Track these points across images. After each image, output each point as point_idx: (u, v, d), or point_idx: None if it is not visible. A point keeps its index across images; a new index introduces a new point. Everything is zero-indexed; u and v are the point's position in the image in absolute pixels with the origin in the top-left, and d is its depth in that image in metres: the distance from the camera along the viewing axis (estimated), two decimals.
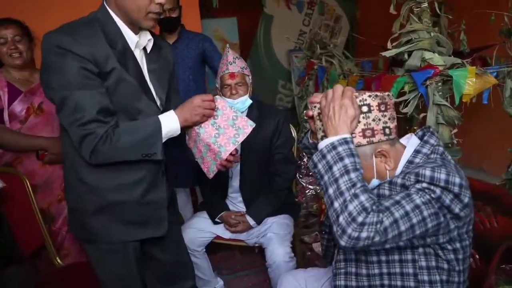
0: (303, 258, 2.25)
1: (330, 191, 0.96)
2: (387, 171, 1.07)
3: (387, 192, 1.04)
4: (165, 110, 1.33)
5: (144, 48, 1.33)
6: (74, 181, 1.31)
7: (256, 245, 1.94)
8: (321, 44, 2.89)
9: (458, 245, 1.01)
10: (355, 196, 0.93)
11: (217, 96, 1.36)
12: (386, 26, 2.11)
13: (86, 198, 1.29)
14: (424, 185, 0.95)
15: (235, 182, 1.95)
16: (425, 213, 0.93)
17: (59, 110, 1.19)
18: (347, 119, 1.00)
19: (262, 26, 4.74)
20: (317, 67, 2.84)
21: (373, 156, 1.05)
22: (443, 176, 0.94)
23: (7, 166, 1.87)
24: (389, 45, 1.89)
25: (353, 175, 0.95)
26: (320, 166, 0.99)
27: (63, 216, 1.96)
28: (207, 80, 2.97)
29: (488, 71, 1.77)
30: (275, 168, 1.92)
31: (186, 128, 1.34)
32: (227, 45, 1.96)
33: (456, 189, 0.93)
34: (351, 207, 0.92)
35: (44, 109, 1.91)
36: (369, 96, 1.04)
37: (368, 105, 1.03)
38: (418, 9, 1.79)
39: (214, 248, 2.10)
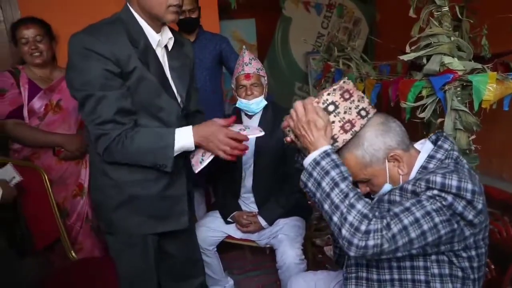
0: (314, 261, 2.24)
1: (326, 207, 0.95)
2: (400, 176, 1.06)
3: (397, 198, 1.03)
4: (185, 107, 1.37)
5: (166, 46, 1.35)
6: (99, 175, 1.35)
7: (267, 246, 1.94)
8: (339, 46, 2.87)
9: (473, 252, 0.99)
10: (351, 206, 0.92)
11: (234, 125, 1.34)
12: (406, 30, 2.08)
13: (109, 192, 1.34)
14: (435, 192, 0.93)
15: (248, 183, 1.95)
16: (437, 219, 0.91)
17: (81, 108, 1.24)
18: (321, 131, 1.00)
19: (280, 28, 4.74)
20: (334, 70, 2.81)
21: (386, 161, 1.04)
22: (454, 183, 0.92)
23: (26, 161, 1.91)
24: (407, 49, 1.87)
25: (343, 185, 0.94)
26: (309, 184, 0.99)
27: (77, 211, 2.01)
28: (223, 80, 2.98)
29: (510, 77, 1.73)
30: (288, 169, 1.92)
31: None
32: (244, 47, 1.97)
33: (468, 196, 0.91)
34: (350, 218, 0.91)
35: (62, 106, 1.96)
36: (328, 94, 1.04)
37: (333, 103, 1.04)
38: (438, 13, 1.76)
39: (225, 247, 2.11)
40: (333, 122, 1.04)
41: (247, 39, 4.71)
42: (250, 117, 1.91)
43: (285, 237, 1.79)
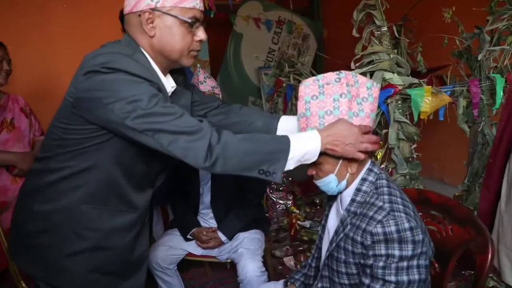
0: (274, 272, 2.28)
1: None
2: (348, 174, 1.14)
3: (349, 247, 1.12)
4: None
5: None
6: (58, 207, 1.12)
7: (228, 260, 1.96)
8: (289, 62, 2.99)
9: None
10: None
11: None
12: (351, 45, 2.22)
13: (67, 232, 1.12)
14: (383, 251, 1.03)
15: (206, 198, 1.97)
16: (405, 278, 1.02)
17: (154, 141, 1.00)
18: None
19: (232, 44, 4.82)
20: (286, 85, 2.93)
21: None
22: (393, 228, 1.02)
23: None
24: (352, 65, 2.00)
25: None
26: None
27: None
28: None
29: (443, 90, 1.90)
30: (245, 184, 1.96)
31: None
32: (198, 65, 2.01)
33: (408, 235, 1.02)
34: None
35: (15, 125, 1.93)
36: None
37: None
38: (378, 33, 1.91)
39: (185, 265, 2.10)
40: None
41: (199, 55, 4.74)
42: None
43: (246, 251, 1.83)
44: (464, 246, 1.22)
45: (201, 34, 1.10)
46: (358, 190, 1.15)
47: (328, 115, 1.10)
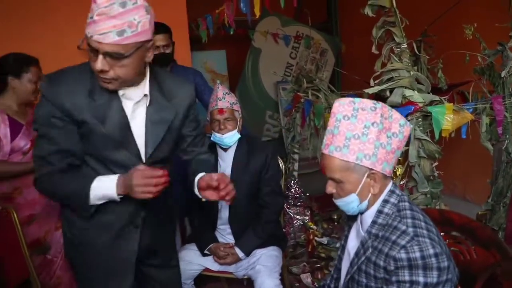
0: None
1: None
2: (369, 194, 1.12)
3: (371, 272, 1.10)
4: (149, 161, 1.32)
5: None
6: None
7: (245, 277, 1.95)
8: (308, 78, 3.00)
9: None
10: None
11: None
12: (369, 61, 2.22)
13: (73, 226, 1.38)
14: (407, 277, 1.01)
15: (224, 214, 1.98)
16: None
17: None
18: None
19: (250, 59, 4.87)
20: (304, 101, 2.93)
21: (365, 175, 1.10)
22: (418, 254, 1.00)
23: (3, 197, 1.87)
24: (372, 82, 1.99)
25: None
26: None
27: (59, 243, 1.97)
28: None
29: (465, 107, 1.87)
30: (263, 200, 1.96)
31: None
32: (218, 81, 2.03)
33: (433, 261, 1.00)
34: None
35: None
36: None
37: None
38: (398, 50, 1.90)
39: (202, 280, 2.10)
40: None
41: (218, 69, 4.81)
42: (225, 150, 1.96)
43: (263, 268, 1.81)
44: (489, 270, 1.18)
45: (97, 63, 1.14)
46: (379, 212, 1.13)
47: (355, 139, 1.09)
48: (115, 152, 1.27)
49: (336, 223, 3.27)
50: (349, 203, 1.14)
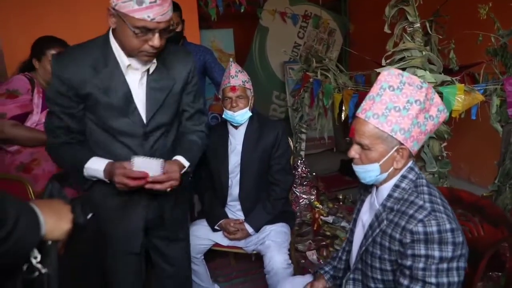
0: (297, 266, 2.31)
1: None
2: (391, 168, 1.14)
3: (386, 244, 1.12)
4: (150, 128, 1.39)
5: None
6: None
7: (254, 252, 1.99)
8: (317, 58, 2.99)
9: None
10: None
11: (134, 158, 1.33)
12: (378, 41, 2.20)
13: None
14: (422, 251, 1.03)
15: (234, 191, 2.01)
16: (445, 280, 1.03)
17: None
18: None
19: (257, 38, 4.84)
20: (313, 80, 2.93)
21: (394, 148, 1.12)
22: (434, 228, 1.03)
23: (22, 167, 1.92)
24: (383, 61, 1.99)
25: None
26: None
27: None
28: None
29: (476, 88, 1.87)
30: (273, 178, 1.99)
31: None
32: (231, 59, 2.03)
33: (449, 236, 1.02)
34: None
35: None
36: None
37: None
38: (410, 29, 1.89)
39: (211, 255, 2.15)
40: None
41: (225, 48, 4.78)
42: (236, 127, 1.98)
43: (273, 243, 1.86)
44: (496, 246, 1.21)
45: (154, 41, 1.22)
46: (396, 186, 1.15)
47: (395, 111, 1.09)
48: (120, 121, 1.35)
49: (341, 202, 3.32)
50: (369, 171, 1.15)
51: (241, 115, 1.91)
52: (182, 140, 1.53)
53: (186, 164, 1.44)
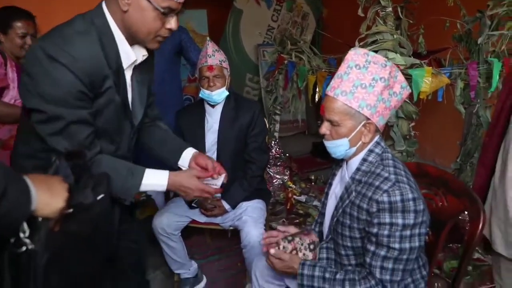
0: None
1: None
2: (359, 142, 1.22)
3: (355, 214, 1.20)
4: (138, 126, 1.33)
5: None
6: None
7: (231, 228, 2.05)
8: (292, 40, 3.03)
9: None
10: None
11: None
12: (351, 25, 2.27)
13: None
14: (387, 219, 1.11)
15: None
16: (407, 245, 1.11)
17: (44, 121, 1.09)
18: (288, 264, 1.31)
19: (231, 20, 4.80)
20: (287, 62, 2.97)
21: (362, 123, 1.19)
22: (398, 198, 1.11)
23: (1, 143, 1.88)
24: (356, 44, 2.05)
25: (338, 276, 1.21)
26: None
27: None
28: None
29: (442, 72, 1.97)
30: (249, 156, 2.04)
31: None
32: (207, 38, 2.04)
33: (411, 205, 1.11)
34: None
35: None
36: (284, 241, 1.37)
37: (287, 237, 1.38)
38: (383, 13, 1.96)
39: (187, 233, 2.19)
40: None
41: (198, 29, 4.73)
42: (212, 106, 2.00)
43: (249, 218, 1.91)
44: (458, 215, 1.32)
45: (172, 23, 1.14)
46: (364, 160, 1.23)
47: (362, 88, 1.15)
48: (120, 121, 1.23)
49: (313, 183, 3.42)
50: (339, 145, 1.22)
51: (218, 94, 1.93)
52: (163, 130, 1.50)
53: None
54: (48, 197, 0.80)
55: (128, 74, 1.23)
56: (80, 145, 1.12)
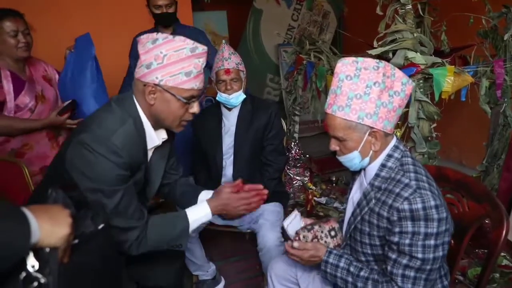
0: None
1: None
2: (371, 151, 1.18)
3: (374, 221, 1.17)
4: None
5: None
6: None
7: (248, 231, 2.04)
8: (310, 40, 2.99)
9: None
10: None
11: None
12: (372, 24, 2.22)
13: None
14: (409, 228, 1.08)
15: (228, 172, 2.04)
16: (430, 255, 1.08)
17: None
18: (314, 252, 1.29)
19: (251, 20, 4.81)
20: (306, 63, 2.94)
21: (367, 133, 1.15)
22: (419, 206, 1.07)
23: (14, 152, 1.90)
24: (375, 43, 2.01)
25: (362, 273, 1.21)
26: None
27: None
28: None
29: (466, 70, 1.90)
30: (266, 158, 2.02)
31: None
32: (223, 41, 2.03)
33: (434, 212, 1.06)
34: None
35: (45, 96, 1.96)
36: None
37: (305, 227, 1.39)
38: (402, 11, 1.90)
39: (205, 235, 2.20)
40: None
41: (218, 31, 4.76)
42: (229, 109, 2.00)
43: (266, 222, 1.90)
44: (479, 221, 1.26)
45: (195, 107, 1.26)
46: (383, 165, 1.19)
47: (357, 99, 1.11)
48: (137, 195, 1.31)
49: (334, 184, 3.37)
50: (352, 159, 1.19)
51: (236, 98, 1.93)
52: (183, 186, 1.63)
53: None
54: (51, 225, 0.78)
55: (149, 155, 1.37)
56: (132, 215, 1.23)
